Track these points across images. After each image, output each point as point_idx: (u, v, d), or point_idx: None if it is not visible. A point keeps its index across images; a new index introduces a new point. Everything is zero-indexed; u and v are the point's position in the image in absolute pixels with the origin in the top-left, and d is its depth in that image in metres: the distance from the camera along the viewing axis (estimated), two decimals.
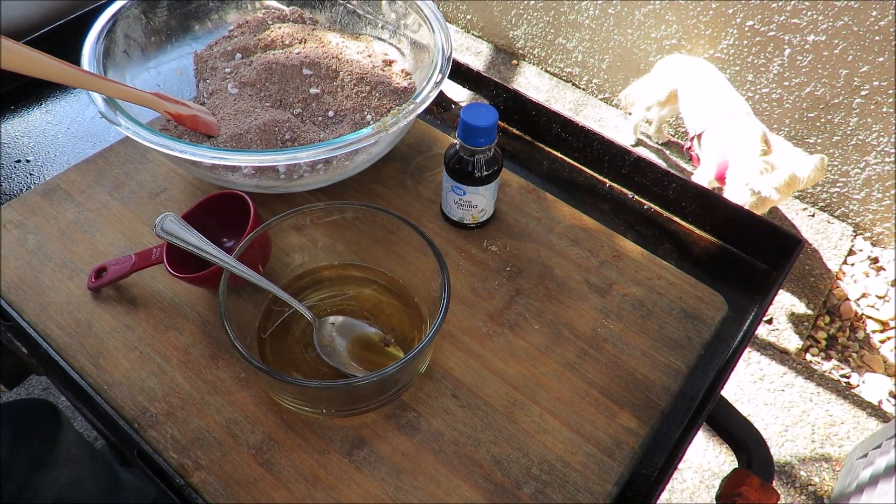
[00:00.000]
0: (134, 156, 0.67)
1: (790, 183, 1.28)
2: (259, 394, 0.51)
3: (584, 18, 1.86)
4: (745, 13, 1.55)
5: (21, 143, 0.70)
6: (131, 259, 0.54)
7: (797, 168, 1.27)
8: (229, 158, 0.51)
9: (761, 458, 0.52)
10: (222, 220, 0.56)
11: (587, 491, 0.47)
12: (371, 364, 0.50)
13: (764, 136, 1.35)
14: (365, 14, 0.72)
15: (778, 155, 1.34)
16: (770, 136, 1.38)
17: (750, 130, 1.37)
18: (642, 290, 0.59)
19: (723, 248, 0.65)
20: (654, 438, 0.51)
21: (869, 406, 1.37)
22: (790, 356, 1.45)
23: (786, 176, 1.28)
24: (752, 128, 1.38)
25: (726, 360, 0.55)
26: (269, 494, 0.46)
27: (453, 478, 0.47)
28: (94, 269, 0.56)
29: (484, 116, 0.53)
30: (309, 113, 0.63)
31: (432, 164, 0.68)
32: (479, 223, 0.62)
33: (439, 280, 0.47)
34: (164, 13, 0.67)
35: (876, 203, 1.63)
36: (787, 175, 1.28)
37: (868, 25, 1.40)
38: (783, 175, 1.28)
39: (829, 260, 1.64)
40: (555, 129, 0.71)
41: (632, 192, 0.69)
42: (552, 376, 0.53)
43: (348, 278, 0.56)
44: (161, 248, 0.53)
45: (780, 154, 1.34)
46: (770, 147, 1.35)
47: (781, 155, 1.33)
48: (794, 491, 1.25)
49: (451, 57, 0.61)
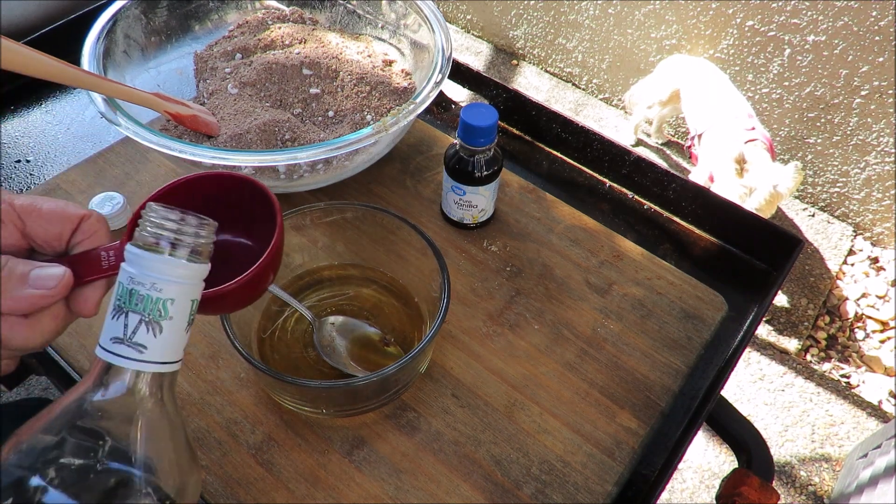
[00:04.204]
0: (134, 156, 0.67)
1: (771, 200, 1.32)
2: (259, 394, 0.51)
3: (584, 18, 1.86)
4: (745, 13, 1.55)
5: (21, 143, 0.70)
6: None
7: (777, 183, 1.30)
8: (229, 158, 0.51)
9: (761, 458, 0.52)
10: (219, 205, 0.40)
11: (587, 491, 0.47)
12: (371, 364, 0.50)
13: (740, 157, 1.35)
14: (365, 14, 0.72)
15: (755, 171, 1.35)
16: (749, 151, 1.37)
17: (727, 151, 1.38)
18: (642, 290, 0.59)
19: (723, 248, 0.65)
20: (654, 438, 0.51)
21: (869, 406, 1.37)
22: (790, 356, 1.45)
23: (765, 195, 1.31)
24: (729, 148, 1.38)
25: (726, 360, 0.55)
26: (269, 494, 0.46)
27: (453, 478, 0.47)
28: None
29: (484, 116, 0.53)
30: (309, 113, 0.63)
31: (432, 164, 0.68)
32: (479, 223, 0.62)
33: (439, 280, 0.47)
34: (164, 13, 0.67)
35: (876, 203, 1.63)
36: (767, 194, 1.31)
37: (868, 25, 1.40)
38: (762, 196, 1.32)
39: (829, 260, 1.64)
40: (555, 129, 0.71)
41: (632, 192, 0.69)
42: (552, 376, 0.53)
43: (348, 278, 0.56)
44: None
45: (757, 170, 1.35)
46: (744, 167, 1.36)
47: (759, 170, 1.34)
48: (794, 491, 1.25)
49: (451, 57, 0.61)
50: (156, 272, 0.24)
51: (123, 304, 0.25)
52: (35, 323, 0.30)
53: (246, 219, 0.37)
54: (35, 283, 0.29)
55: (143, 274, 0.25)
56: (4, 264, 0.29)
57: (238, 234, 0.38)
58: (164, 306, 0.25)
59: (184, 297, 0.25)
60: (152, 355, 0.25)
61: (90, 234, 0.31)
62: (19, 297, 0.29)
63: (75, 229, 0.31)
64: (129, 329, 0.25)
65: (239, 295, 0.32)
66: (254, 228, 0.37)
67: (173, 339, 0.26)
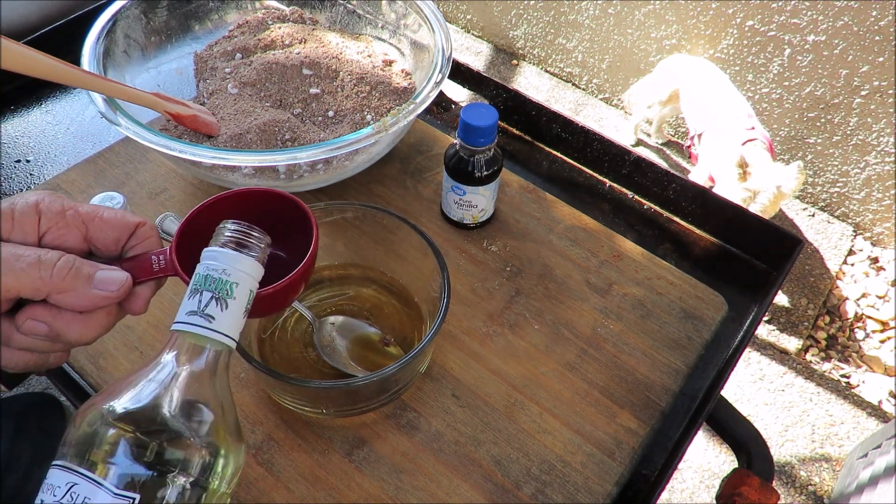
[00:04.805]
0: (134, 156, 0.67)
1: (775, 201, 1.32)
2: (259, 394, 0.51)
3: (584, 18, 1.86)
4: (745, 13, 1.55)
5: (21, 143, 0.70)
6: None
7: (781, 183, 1.30)
8: (229, 158, 0.51)
9: (761, 458, 0.52)
10: (255, 219, 0.40)
11: (587, 491, 0.47)
12: (371, 364, 0.50)
13: (742, 161, 1.35)
14: (365, 14, 0.72)
15: (757, 173, 1.34)
16: (749, 151, 1.37)
17: (728, 154, 1.38)
18: (642, 290, 0.59)
19: (723, 248, 0.65)
20: (654, 438, 0.51)
21: (869, 406, 1.37)
22: (790, 356, 1.45)
23: (770, 197, 1.31)
24: (729, 151, 1.38)
25: (726, 360, 0.55)
26: (269, 494, 0.46)
27: (453, 478, 0.47)
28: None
29: (484, 116, 0.53)
30: (309, 113, 0.63)
31: (432, 164, 0.68)
32: (479, 223, 0.62)
33: (439, 280, 0.47)
34: (164, 13, 0.67)
35: (876, 203, 1.63)
36: (771, 195, 1.31)
37: (868, 25, 1.40)
38: (766, 197, 1.32)
39: (829, 260, 1.64)
40: (555, 129, 0.71)
41: (632, 192, 0.69)
42: (552, 376, 0.53)
43: (348, 278, 0.56)
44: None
45: (759, 171, 1.34)
46: (747, 171, 1.36)
47: (760, 171, 1.34)
48: (794, 491, 1.25)
49: (451, 57, 0.61)
50: (227, 262, 0.31)
51: (199, 286, 0.31)
52: (90, 319, 0.33)
53: (281, 231, 0.40)
54: (99, 285, 0.32)
55: (217, 264, 0.31)
56: (73, 264, 0.31)
57: (273, 246, 0.41)
58: (231, 287, 0.31)
59: (245, 285, 0.32)
60: (219, 325, 0.31)
61: (143, 240, 0.35)
62: (84, 295, 0.32)
63: (131, 235, 0.35)
64: (202, 303, 0.31)
65: (275, 298, 0.36)
66: (287, 240, 0.41)
67: (234, 317, 0.32)
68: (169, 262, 0.34)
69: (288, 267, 0.37)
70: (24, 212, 0.32)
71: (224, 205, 0.38)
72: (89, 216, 0.34)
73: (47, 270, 0.31)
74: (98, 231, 0.34)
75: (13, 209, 0.32)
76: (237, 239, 0.32)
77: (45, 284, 0.31)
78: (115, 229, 0.34)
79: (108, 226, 0.34)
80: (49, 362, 0.35)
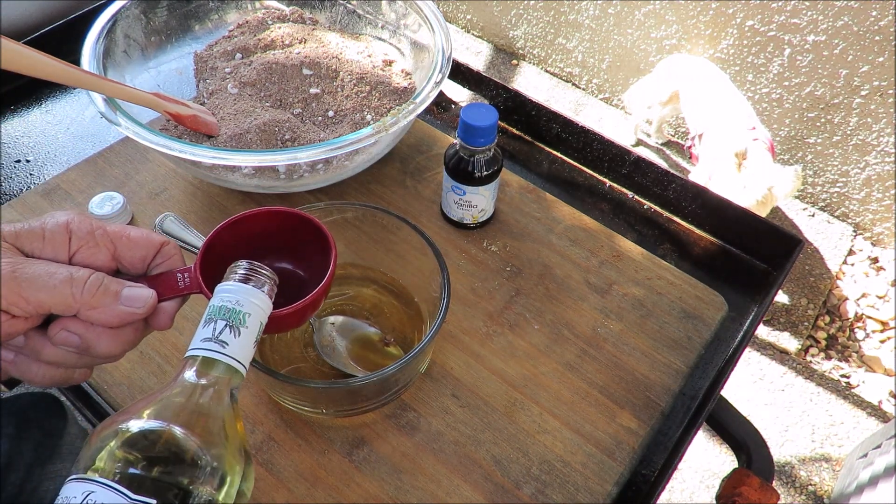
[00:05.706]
0: (134, 156, 0.67)
1: (764, 202, 1.31)
2: (259, 394, 0.51)
3: (584, 18, 1.86)
4: (745, 13, 1.55)
5: (21, 143, 0.70)
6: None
7: (774, 185, 1.29)
8: (229, 158, 0.51)
9: (761, 458, 0.52)
10: (275, 238, 0.43)
11: (587, 491, 0.47)
12: (371, 364, 0.50)
13: (742, 151, 1.35)
14: (365, 14, 0.72)
15: (754, 170, 1.34)
16: (752, 150, 1.37)
17: (729, 145, 1.37)
18: (642, 290, 0.59)
19: (723, 248, 0.65)
20: (654, 438, 0.51)
21: (869, 406, 1.37)
22: (790, 356, 1.45)
23: (759, 196, 1.31)
24: (735, 140, 1.38)
25: (726, 360, 0.55)
26: (269, 494, 0.46)
27: (453, 478, 0.47)
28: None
29: (484, 116, 0.53)
30: (309, 113, 0.63)
31: (432, 164, 0.68)
32: (479, 223, 0.62)
33: (439, 280, 0.47)
34: (164, 13, 0.67)
35: (876, 203, 1.63)
36: (761, 195, 1.31)
37: (868, 25, 1.40)
38: (756, 195, 1.31)
39: (829, 260, 1.64)
40: (555, 129, 0.71)
41: (632, 192, 0.69)
42: (552, 376, 0.53)
43: (348, 278, 0.56)
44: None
45: (757, 169, 1.34)
46: (743, 163, 1.35)
47: (758, 170, 1.34)
48: (794, 491, 1.25)
49: (451, 57, 0.61)
50: (240, 295, 0.34)
51: (214, 316, 0.33)
52: (118, 334, 0.34)
53: (298, 250, 0.42)
54: (126, 301, 0.33)
55: (231, 296, 0.34)
56: (101, 281, 0.33)
57: (289, 263, 0.44)
58: (244, 317, 0.33)
59: (256, 317, 0.34)
60: (232, 351, 0.33)
61: (168, 258, 0.37)
62: (112, 311, 0.33)
63: (156, 253, 0.36)
64: (216, 331, 0.33)
65: (292, 318, 0.38)
66: (305, 259, 0.43)
67: (246, 345, 0.34)
68: (194, 280, 0.36)
69: (304, 283, 0.38)
70: (56, 231, 0.33)
71: (245, 223, 0.40)
72: (117, 235, 0.35)
73: (78, 287, 0.32)
74: (125, 249, 0.35)
75: (44, 228, 0.33)
76: (249, 276, 0.34)
77: (75, 301, 0.32)
78: (142, 248, 0.35)
79: (134, 244, 0.35)
80: (74, 377, 0.36)
